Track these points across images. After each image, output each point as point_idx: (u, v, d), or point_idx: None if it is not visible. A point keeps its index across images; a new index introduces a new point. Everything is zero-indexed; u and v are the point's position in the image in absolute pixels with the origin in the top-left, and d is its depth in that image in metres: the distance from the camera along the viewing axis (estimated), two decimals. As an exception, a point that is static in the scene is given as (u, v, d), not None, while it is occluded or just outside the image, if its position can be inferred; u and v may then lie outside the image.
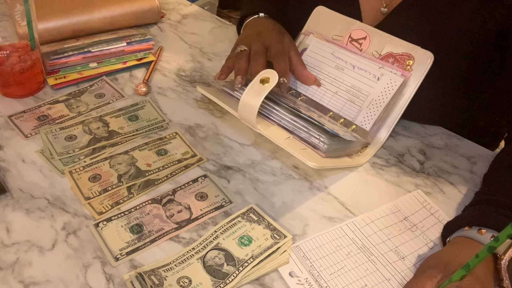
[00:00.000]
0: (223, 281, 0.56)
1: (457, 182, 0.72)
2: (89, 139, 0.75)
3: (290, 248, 0.61)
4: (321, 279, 0.58)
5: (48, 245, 0.60)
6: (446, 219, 0.66)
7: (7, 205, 0.65)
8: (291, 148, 0.62)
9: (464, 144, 0.79)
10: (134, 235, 0.62)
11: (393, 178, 0.73)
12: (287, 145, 0.62)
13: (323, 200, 0.69)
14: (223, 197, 0.68)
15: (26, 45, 0.80)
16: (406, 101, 0.73)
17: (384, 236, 0.64)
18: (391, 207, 0.68)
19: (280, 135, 0.66)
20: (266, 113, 0.70)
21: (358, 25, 0.76)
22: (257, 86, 0.64)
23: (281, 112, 0.69)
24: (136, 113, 0.81)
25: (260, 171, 0.72)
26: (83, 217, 0.64)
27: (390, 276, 0.59)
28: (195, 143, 0.76)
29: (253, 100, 0.63)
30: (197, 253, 0.59)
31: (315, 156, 0.64)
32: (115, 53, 0.90)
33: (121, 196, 0.67)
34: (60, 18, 0.92)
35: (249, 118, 0.64)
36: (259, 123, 0.65)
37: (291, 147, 0.62)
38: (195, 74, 0.91)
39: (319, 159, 0.64)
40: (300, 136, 0.67)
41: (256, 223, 0.63)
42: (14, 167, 0.70)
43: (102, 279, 0.57)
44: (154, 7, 1.00)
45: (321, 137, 0.66)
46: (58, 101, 0.82)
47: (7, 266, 0.58)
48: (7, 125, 0.77)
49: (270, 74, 0.65)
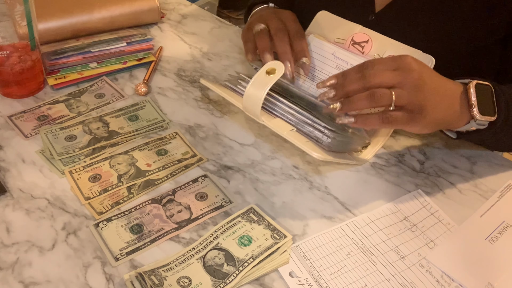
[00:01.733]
0: (223, 281, 0.56)
1: (457, 182, 0.72)
2: (89, 139, 0.75)
3: (290, 248, 0.61)
4: (321, 279, 0.58)
5: (48, 245, 0.60)
6: (446, 219, 0.66)
7: (7, 205, 0.65)
8: (295, 139, 0.62)
9: (464, 144, 0.79)
10: (134, 235, 0.62)
11: (393, 178, 0.73)
12: (291, 136, 0.62)
13: (323, 200, 0.69)
14: (223, 197, 0.68)
15: (26, 45, 0.80)
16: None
17: (384, 236, 0.64)
18: (391, 207, 0.68)
19: (284, 127, 0.66)
20: (269, 107, 0.70)
21: (361, 29, 0.76)
22: (262, 77, 0.64)
23: (286, 104, 0.68)
24: (136, 113, 0.81)
25: (260, 171, 0.72)
26: (83, 217, 0.64)
27: (390, 276, 0.59)
28: (195, 143, 0.76)
29: (258, 91, 0.63)
30: (197, 253, 0.59)
31: (318, 149, 0.64)
32: (115, 53, 0.90)
33: (121, 196, 0.67)
34: (60, 18, 0.92)
35: (253, 109, 0.64)
36: (263, 116, 0.65)
37: (295, 138, 0.62)
38: (195, 74, 0.91)
39: (322, 152, 0.64)
40: (303, 131, 0.67)
41: (256, 223, 0.63)
42: (14, 167, 0.70)
43: (102, 279, 0.57)
44: (154, 7, 1.00)
45: (326, 129, 0.66)
46: (58, 101, 0.82)
47: (7, 266, 0.58)
48: (7, 125, 0.77)
49: (277, 65, 0.65)
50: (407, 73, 0.58)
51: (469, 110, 0.61)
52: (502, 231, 0.65)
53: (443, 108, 0.61)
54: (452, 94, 0.62)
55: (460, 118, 0.62)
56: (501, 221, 0.66)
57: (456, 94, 0.62)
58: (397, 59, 0.60)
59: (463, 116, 0.62)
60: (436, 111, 0.60)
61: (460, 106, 0.62)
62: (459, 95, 0.62)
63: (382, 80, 0.58)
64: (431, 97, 0.59)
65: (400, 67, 0.59)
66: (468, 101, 0.61)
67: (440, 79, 0.62)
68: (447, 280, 0.59)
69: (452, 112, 0.62)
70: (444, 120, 0.62)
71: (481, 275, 0.59)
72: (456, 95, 0.62)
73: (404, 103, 0.58)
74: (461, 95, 0.62)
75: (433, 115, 0.60)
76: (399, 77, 0.58)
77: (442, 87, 0.61)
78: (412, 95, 0.58)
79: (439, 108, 0.60)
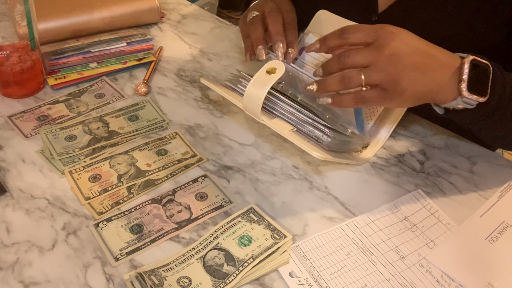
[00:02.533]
0: (223, 281, 0.56)
1: (457, 182, 0.72)
2: (89, 139, 0.75)
3: (290, 248, 0.61)
4: (321, 279, 0.58)
5: (48, 245, 0.60)
6: (446, 219, 0.66)
7: (7, 205, 0.65)
8: (295, 139, 0.62)
9: (464, 144, 0.79)
10: (134, 235, 0.62)
11: (393, 178, 0.73)
12: (291, 135, 0.62)
13: (323, 200, 0.69)
14: (223, 197, 0.68)
15: (26, 45, 0.80)
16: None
17: (384, 236, 0.64)
18: (391, 207, 0.68)
19: (284, 127, 0.66)
20: (269, 106, 0.70)
21: None
22: (263, 76, 0.64)
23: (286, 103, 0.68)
24: (136, 113, 0.81)
25: (260, 171, 0.72)
26: (83, 217, 0.64)
27: (390, 276, 0.59)
28: (195, 143, 0.76)
29: (258, 90, 0.63)
30: (197, 253, 0.59)
31: (318, 149, 0.64)
32: (115, 53, 0.90)
33: (121, 196, 0.67)
34: (60, 18, 0.92)
35: (254, 109, 0.64)
36: (263, 115, 0.65)
37: (295, 138, 0.62)
38: (195, 74, 0.91)
39: (322, 152, 0.64)
40: (303, 130, 0.67)
41: (256, 223, 0.63)
42: (14, 167, 0.70)
43: (102, 279, 0.57)
44: (154, 7, 1.00)
45: (326, 128, 0.66)
46: (58, 101, 0.82)
47: (7, 266, 0.58)
48: (7, 125, 0.77)
49: (277, 65, 0.65)
50: (380, 50, 0.58)
51: (458, 85, 0.59)
52: (502, 231, 0.65)
53: (425, 82, 0.58)
54: (442, 67, 0.59)
55: (447, 92, 0.60)
56: (501, 221, 0.66)
57: (447, 67, 0.59)
58: (378, 29, 0.59)
59: (451, 91, 0.59)
60: (415, 86, 0.58)
61: (449, 80, 0.59)
62: (451, 68, 0.59)
63: (354, 62, 0.59)
64: (408, 73, 0.57)
65: (377, 40, 0.58)
66: (459, 76, 0.59)
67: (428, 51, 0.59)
68: (447, 280, 0.59)
69: (437, 86, 0.59)
70: (426, 95, 0.60)
71: (481, 275, 0.59)
72: (448, 68, 0.59)
73: (376, 82, 0.58)
74: (454, 68, 0.59)
75: (411, 91, 0.58)
76: (370, 57, 0.58)
77: (427, 60, 0.59)
78: (384, 73, 0.58)
79: (419, 83, 0.58)
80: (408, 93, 0.58)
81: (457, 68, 0.59)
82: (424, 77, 0.58)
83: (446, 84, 0.59)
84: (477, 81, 0.59)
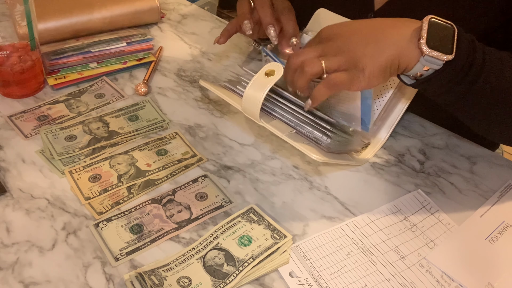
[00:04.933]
0: (223, 281, 0.56)
1: (457, 182, 0.72)
2: (89, 139, 0.75)
3: (290, 248, 0.61)
4: (321, 279, 0.58)
5: (48, 245, 0.60)
6: (446, 219, 0.66)
7: (7, 205, 0.65)
8: (294, 141, 0.62)
9: (464, 144, 0.79)
10: (134, 235, 0.62)
11: (393, 178, 0.73)
12: (290, 138, 0.62)
13: (323, 200, 0.69)
14: (223, 197, 0.68)
15: (26, 45, 0.80)
16: (407, 101, 0.73)
17: (384, 236, 0.64)
18: (391, 207, 0.68)
19: (283, 129, 0.66)
20: (269, 107, 0.70)
21: None
22: (261, 78, 0.64)
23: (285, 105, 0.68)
24: (136, 113, 0.81)
25: (260, 171, 0.72)
26: (83, 217, 0.64)
27: (390, 276, 0.59)
28: (195, 143, 0.76)
29: (257, 93, 0.63)
30: (197, 253, 0.59)
31: (317, 150, 0.64)
32: (115, 53, 0.90)
33: (121, 196, 0.67)
34: (60, 18, 0.92)
35: (253, 111, 0.64)
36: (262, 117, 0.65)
37: (294, 140, 0.62)
38: (195, 74, 0.91)
39: (322, 153, 0.64)
40: (302, 131, 0.67)
41: (256, 223, 0.63)
42: (14, 167, 0.70)
43: (102, 279, 0.57)
44: (154, 7, 1.00)
45: (325, 129, 0.66)
46: (58, 101, 0.82)
47: (7, 266, 0.58)
48: (7, 125, 0.77)
49: (275, 67, 0.65)
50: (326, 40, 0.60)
51: (418, 44, 0.57)
52: (502, 231, 0.65)
53: (381, 52, 0.58)
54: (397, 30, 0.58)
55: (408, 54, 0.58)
56: (501, 221, 0.66)
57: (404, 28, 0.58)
58: (316, 36, 0.62)
59: (412, 52, 0.57)
60: (374, 59, 0.58)
61: (409, 42, 0.57)
62: (409, 30, 0.58)
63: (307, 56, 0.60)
64: (362, 49, 0.57)
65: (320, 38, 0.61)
66: (418, 35, 0.57)
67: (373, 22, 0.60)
68: (447, 280, 0.59)
69: (396, 51, 0.58)
70: (389, 63, 0.58)
71: (481, 275, 0.59)
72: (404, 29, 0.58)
73: (336, 66, 0.59)
74: (412, 29, 0.58)
75: (372, 65, 0.58)
76: (320, 48, 0.60)
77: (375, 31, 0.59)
78: (340, 56, 0.58)
79: (376, 54, 0.58)
80: (371, 68, 0.58)
81: (416, 28, 0.58)
82: (378, 47, 0.58)
83: (405, 46, 0.58)
84: (439, 38, 0.57)
